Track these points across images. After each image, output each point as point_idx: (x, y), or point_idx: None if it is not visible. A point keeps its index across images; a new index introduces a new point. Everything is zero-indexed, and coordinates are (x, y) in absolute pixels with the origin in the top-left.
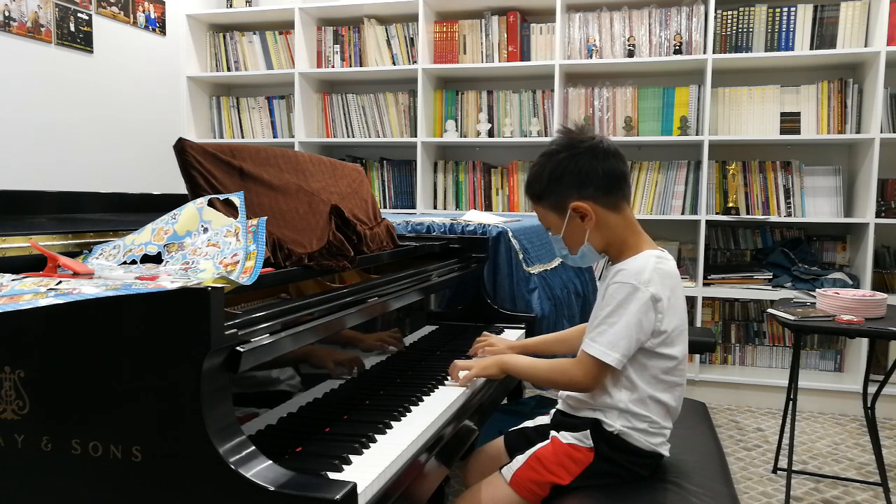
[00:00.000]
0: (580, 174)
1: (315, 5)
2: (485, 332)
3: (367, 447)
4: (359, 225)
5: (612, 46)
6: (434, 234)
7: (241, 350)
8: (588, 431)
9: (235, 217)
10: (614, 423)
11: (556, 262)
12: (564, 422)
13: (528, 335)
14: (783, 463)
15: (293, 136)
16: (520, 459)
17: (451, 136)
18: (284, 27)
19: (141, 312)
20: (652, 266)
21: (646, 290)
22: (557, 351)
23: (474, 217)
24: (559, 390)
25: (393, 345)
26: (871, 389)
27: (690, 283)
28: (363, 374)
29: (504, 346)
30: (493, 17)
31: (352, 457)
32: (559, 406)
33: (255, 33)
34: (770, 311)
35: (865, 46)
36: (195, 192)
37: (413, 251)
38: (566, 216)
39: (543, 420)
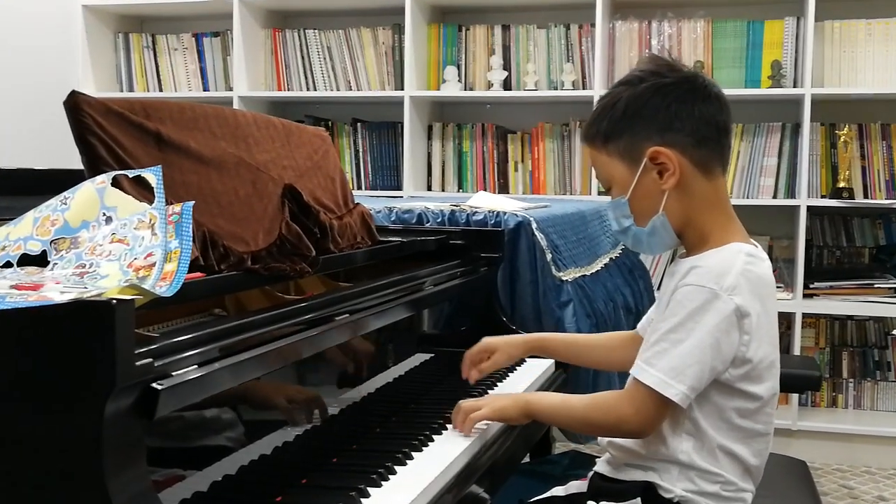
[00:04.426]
0: (667, 112)
1: None
2: (474, 347)
3: None
4: (322, 212)
5: None
6: (428, 225)
7: (159, 388)
8: (638, 500)
9: (150, 201)
10: (674, 487)
11: (597, 265)
12: (606, 488)
13: (559, 367)
14: None
15: (231, 89)
16: None
17: (452, 89)
18: None
19: (18, 335)
20: (740, 267)
21: (729, 300)
22: (587, 359)
23: (484, 202)
24: (602, 437)
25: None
26: None
27: (785, 294)
28: (329, 421)
29: (503, 346)
30: None
31: None
32: (598, 468)
33: None
34: None
35: None
36: (94, 166)
37: (399, 249)
38: (639, 167)
39: (579, 487)
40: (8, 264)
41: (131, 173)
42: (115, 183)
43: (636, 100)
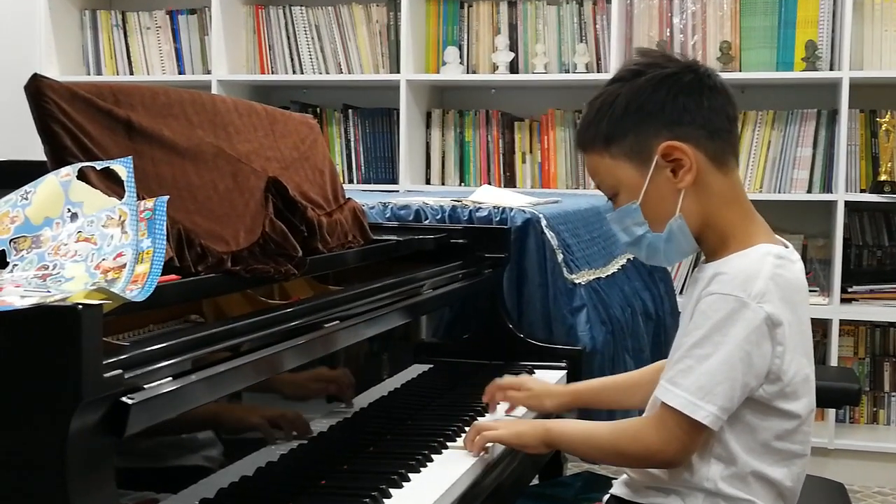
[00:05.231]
0: (675, 104)
1: None
2: (507, 376)
3: None
4: (310, 208)
5: None
6: (426, 222)
7: (130, 402)
8: None
9: (120, 196)
10: None
11: (613, 267)
12: None
13: (571, 378)
14: None
15: (209, 72)
16: None
17: (453, 72)
18: None
19: None
20: (769, 271)
21: (758, 309)
22: (624, 402)
23: (488, 197)
24: (630, 467)
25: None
26: None
27: (821, 299)
28: (318, 440)
29: (540, 389)
30: None
31: None
32: (615, 490)
33: None
34: None
35: None
36: (58, 157)
37: (394, 249)
38: (650, 167)
39: None
40: None
41: (99, 165)
42: (82, 176)
43: (637, 94)
